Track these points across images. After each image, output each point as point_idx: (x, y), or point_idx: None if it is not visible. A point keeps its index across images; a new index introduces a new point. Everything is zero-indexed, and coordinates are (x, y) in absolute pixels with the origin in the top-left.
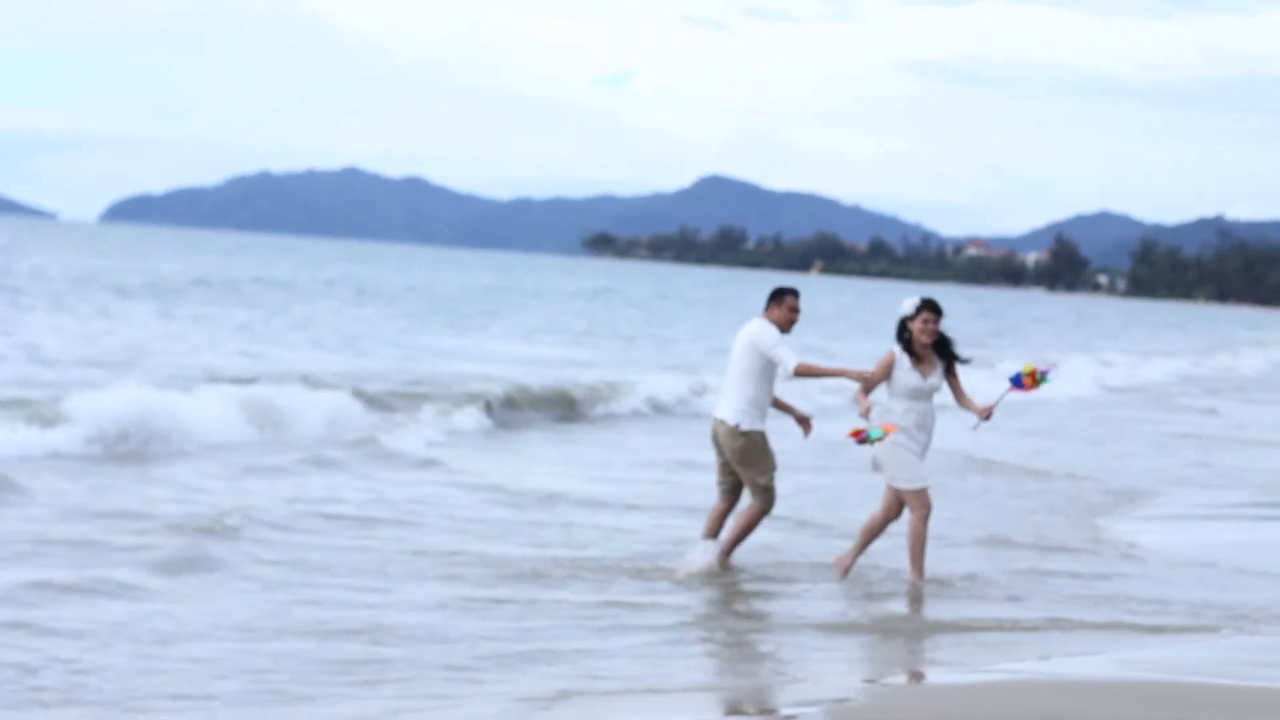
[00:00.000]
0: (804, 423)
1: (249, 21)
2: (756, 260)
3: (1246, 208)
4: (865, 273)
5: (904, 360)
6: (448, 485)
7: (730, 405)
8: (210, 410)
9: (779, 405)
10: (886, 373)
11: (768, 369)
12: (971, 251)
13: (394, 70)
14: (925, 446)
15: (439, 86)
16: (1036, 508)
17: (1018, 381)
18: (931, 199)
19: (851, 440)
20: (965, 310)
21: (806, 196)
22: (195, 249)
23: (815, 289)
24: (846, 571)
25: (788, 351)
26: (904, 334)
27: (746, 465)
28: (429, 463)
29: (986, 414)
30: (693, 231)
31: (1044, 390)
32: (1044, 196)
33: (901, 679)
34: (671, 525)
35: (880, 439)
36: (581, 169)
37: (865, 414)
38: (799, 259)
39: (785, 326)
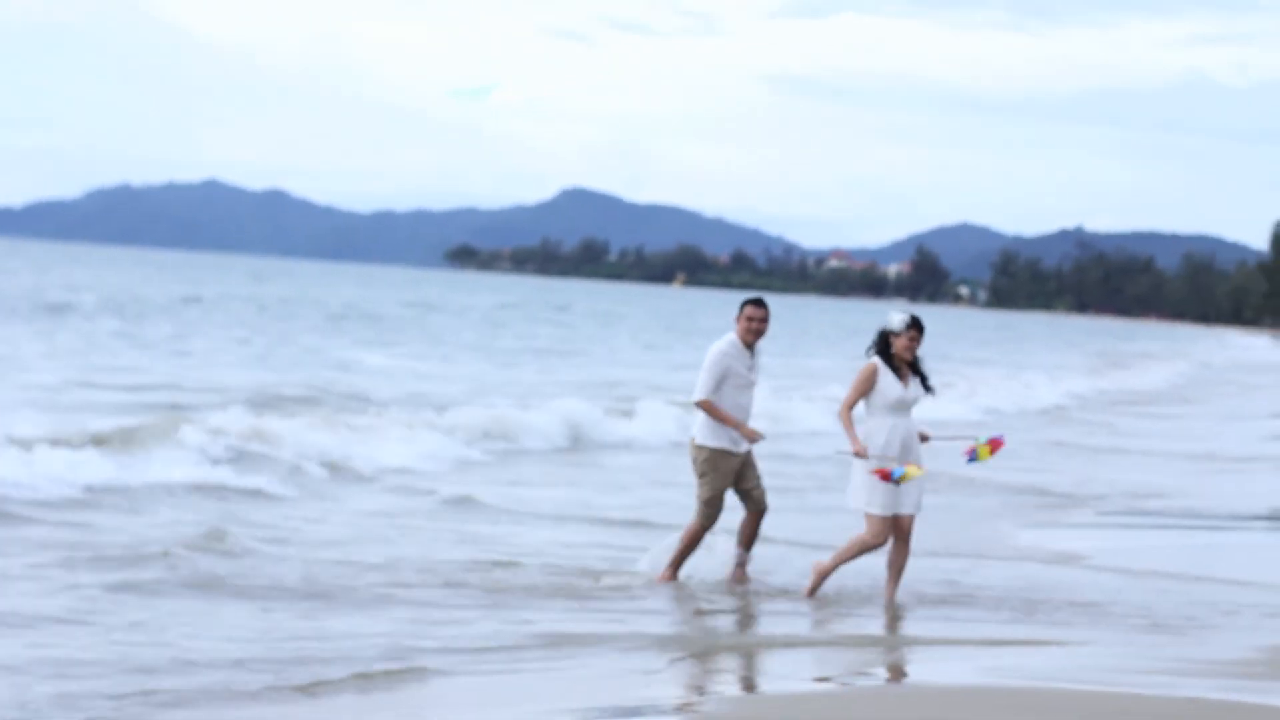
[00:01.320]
0: (749, 435)
1: (107, 31)
2: (619, 272)
3: (1105, 219)
4: (728, 285)
5: (887, 372)
6: (399, 502)
7: (696, 418)
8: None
9: (717, 416)
10: (868, 386)
11: (724, 383)
12: (833, 263)
13: (254, 81)
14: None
15: (299, 97)
16: (940, 518)
17: (972, 456)
18: (793, 211)
19: (878, 479)
20: (832, 323)
21: (669, 209)
22: (75, 264)
23: (679, 302)
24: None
25: (703, 382)
26: (884, 347)
27: (696, 476)
28: (386, 481)
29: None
30: (555, 244)
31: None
32: (905, 208)
33: (767, 689)
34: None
35: (904, 478)
36: (443, 181)
37: (862, 454)
38: (661, 271)
39: (747, 338)
